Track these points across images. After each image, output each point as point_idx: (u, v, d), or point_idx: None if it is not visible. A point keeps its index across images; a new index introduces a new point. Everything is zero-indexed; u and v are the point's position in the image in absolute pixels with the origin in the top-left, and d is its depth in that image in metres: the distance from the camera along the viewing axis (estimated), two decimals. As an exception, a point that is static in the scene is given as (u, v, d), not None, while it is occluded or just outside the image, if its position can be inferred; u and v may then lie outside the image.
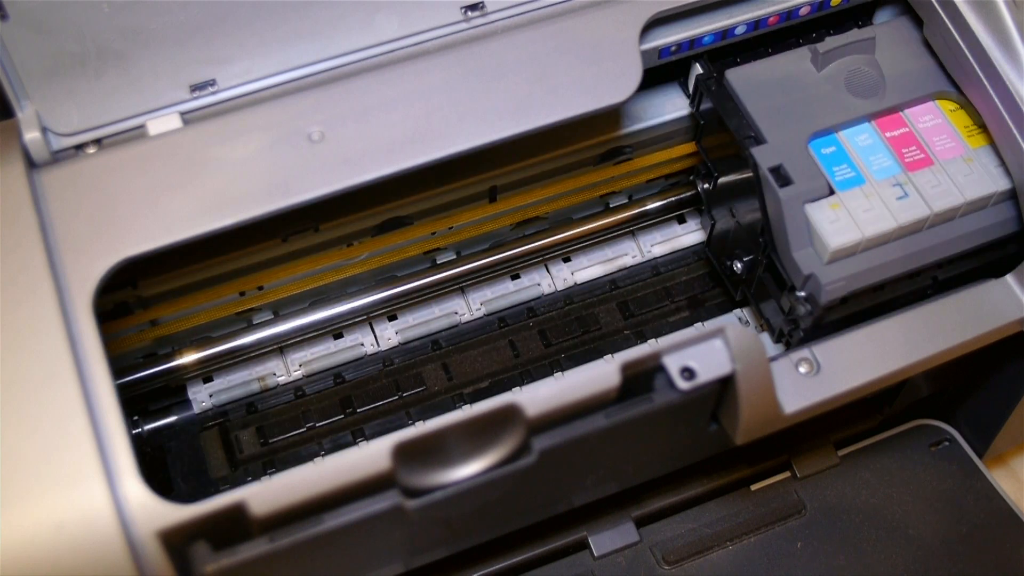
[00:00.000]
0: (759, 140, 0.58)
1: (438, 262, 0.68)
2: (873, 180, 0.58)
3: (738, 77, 0.61)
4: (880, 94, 0.60)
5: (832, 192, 0.57)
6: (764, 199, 0.57)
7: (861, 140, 0.59)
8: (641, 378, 0.50)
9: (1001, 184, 0.58)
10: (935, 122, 0.60)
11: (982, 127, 0.59)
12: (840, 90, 0.60)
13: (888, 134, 0.59)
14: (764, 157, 0.57)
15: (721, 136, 0.62)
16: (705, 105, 0.63)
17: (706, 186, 0.66)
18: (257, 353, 0.65)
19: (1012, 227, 0.58)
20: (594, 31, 0.57)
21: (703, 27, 0.61)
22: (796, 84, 0.61)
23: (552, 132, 0.56)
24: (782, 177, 0.57)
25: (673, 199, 0.70)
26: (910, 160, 0.59)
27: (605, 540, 0.63)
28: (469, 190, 0.65)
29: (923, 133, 0.60)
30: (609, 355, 0.67)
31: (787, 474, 0.66)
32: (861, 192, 0.57)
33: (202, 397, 0.65)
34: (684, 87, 0.66)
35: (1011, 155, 0.58)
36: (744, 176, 0.60)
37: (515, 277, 0.70)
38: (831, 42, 0.61)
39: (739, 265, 0.63)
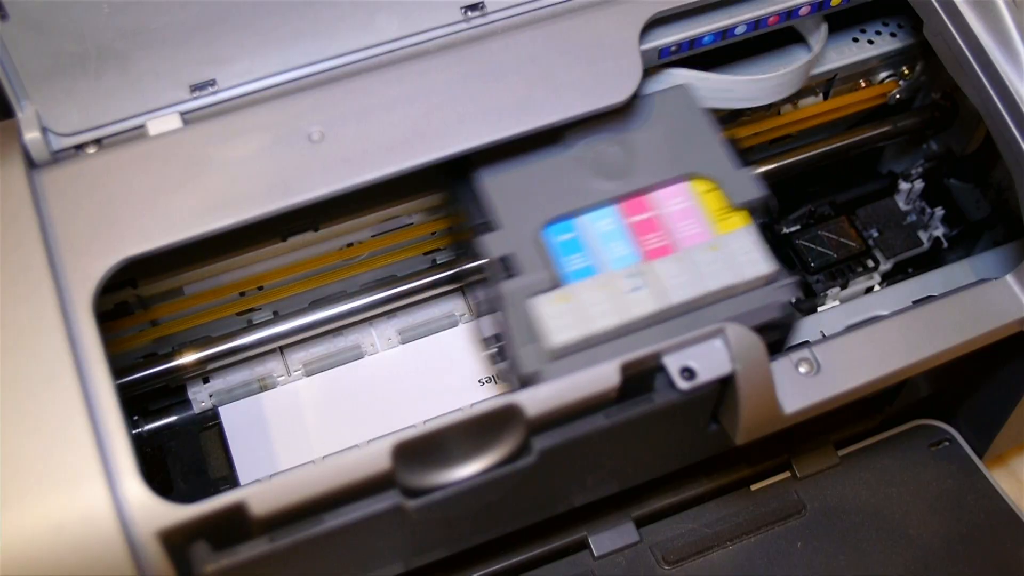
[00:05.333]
0: (491, 227, 0.54)
1: (438, 262, 0.68)
2: (608, 270, 0.52)
3: (482, 159, 0.55)
4: (629, 176, 0.55)
5: (561, 283, 0.52)
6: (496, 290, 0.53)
7: (602, 226, 0.54)
8: (641, 378, 0.50)
9: (747, 273, 0.52)
10: (683, 205, 0.55)
11: (736, 209, 0.54)
12: (586, 172, 0.55)
13: (632, 219, 0.54)
14: (495, 245, 0.53)
15: (461, 218, 0.57)
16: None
17: (465, 268, 0.62)
18: (257, 353, 0.65)
19: (768, 315, 0.52)
20: (594, 31, 0.57)
21: (703, 27, 0.61)
22: (541, 167, 0.56)
23: (552, 132, 0.56)
24: (508, 268, 0.52)
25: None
26: (651, 247, 0.53)
27: (605, 540, 0.63)
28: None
29: (669, 218, 0.54)
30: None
31: (787, 474, 0.66)
32: (593, 283, 0.52)
33: (202, 397, 0.65)
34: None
35: (1011, 155, 0.58)
36: (480, 263, 0.55)
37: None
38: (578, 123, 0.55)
39: (494, 354, 0.57)
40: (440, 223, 0.66)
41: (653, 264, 0.53)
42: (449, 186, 0.58)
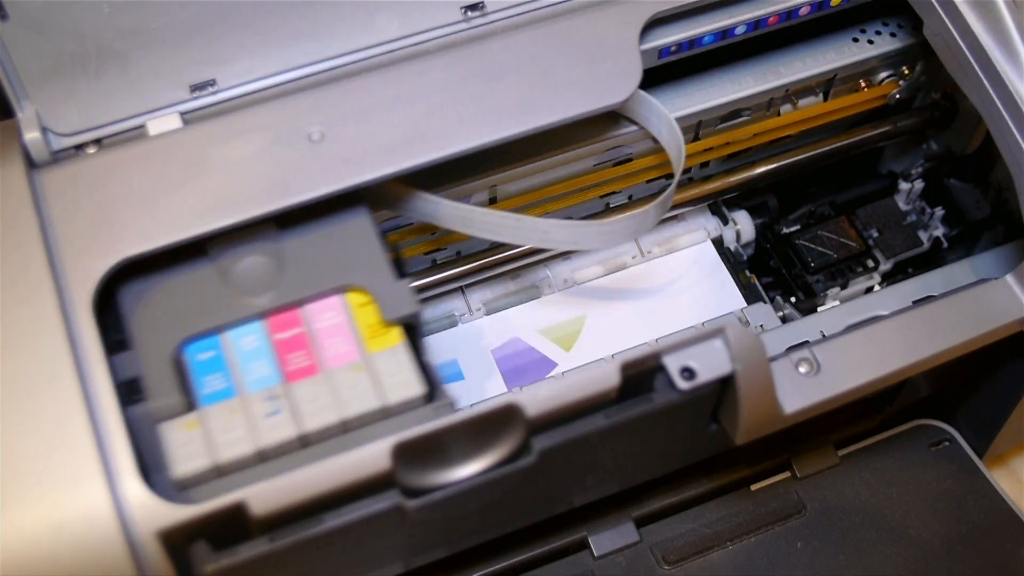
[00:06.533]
0: (124, 346, 0.50)
1: (438, 262, 0.68)
2: (245, 393, 0.49)
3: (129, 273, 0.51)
4: (282, 288, 0.52)
5: (195, 407, 0.49)
6: None
7: (246, 343, 0.50)
8: (641, 378, 0.50)
9: (392, 396, 0.49)
10: (335, 321, 0.51)
11: (390, 324, 0.51)
12: (236, 285, 0.52)
13: (278, 336, 0.51)
14: (124, 367, 0.49)
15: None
16: None
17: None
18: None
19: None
20: (594, 31, 0.57)
21: (703, 27, 0.61)
22: (189, 279, 0.52)
23: (552, 132, 0.56)
24: (135, 392, 0.48)
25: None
26: (293, 368, 0.50)
27: (605, 540, 0.63)
28: (469, 190, 0.65)
29: (318, 335, 0.51)
30: (609, 355, 0.67)
31: (787, 474, 0.66)
32: (227, 407, 0.48)
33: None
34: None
35: (1011, 155, 0.58)
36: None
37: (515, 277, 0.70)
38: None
39: None
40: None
41: (293, 386, 0.49)
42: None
